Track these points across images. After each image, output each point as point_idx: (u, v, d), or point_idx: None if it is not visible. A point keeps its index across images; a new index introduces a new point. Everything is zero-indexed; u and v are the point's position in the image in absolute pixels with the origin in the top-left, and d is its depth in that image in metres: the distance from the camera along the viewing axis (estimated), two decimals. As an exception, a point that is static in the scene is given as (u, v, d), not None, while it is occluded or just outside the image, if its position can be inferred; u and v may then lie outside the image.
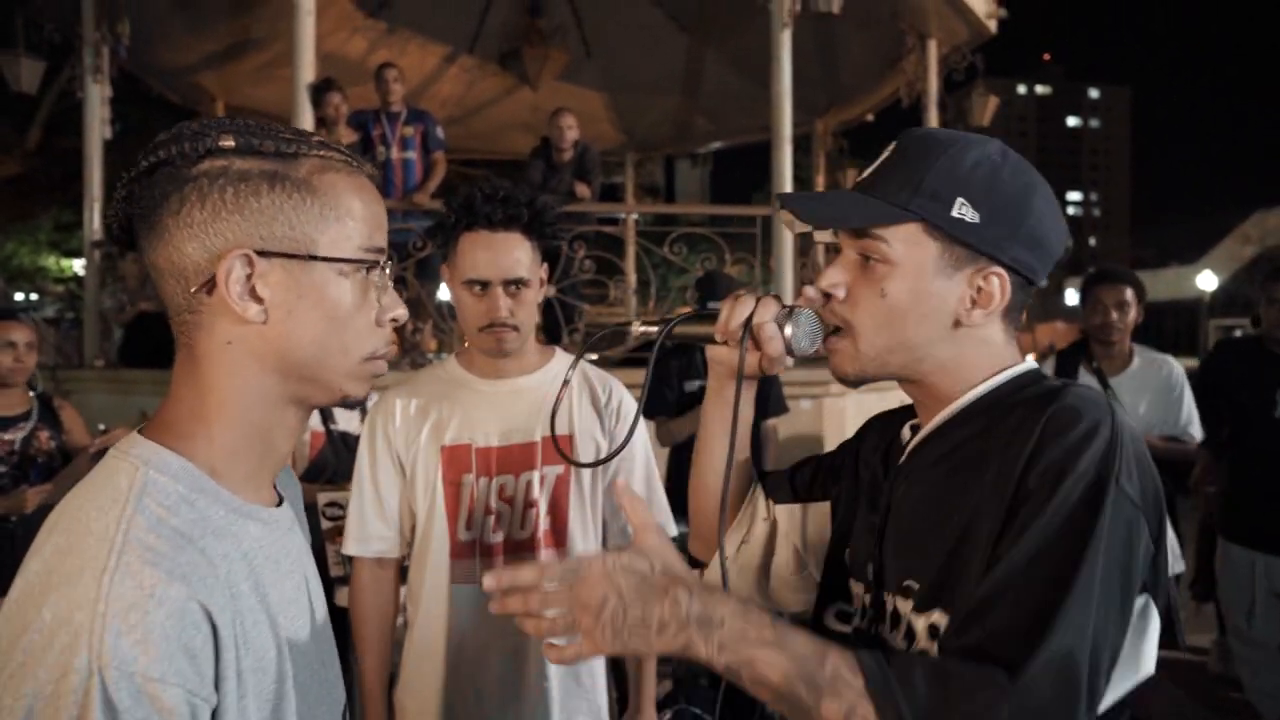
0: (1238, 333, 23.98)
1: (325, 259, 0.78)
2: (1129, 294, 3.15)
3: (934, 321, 0.95)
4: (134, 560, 0.68)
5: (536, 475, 1.72)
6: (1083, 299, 3.28)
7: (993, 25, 6.72)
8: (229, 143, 0.76)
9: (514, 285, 1.64)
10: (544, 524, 1.73)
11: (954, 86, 7.21)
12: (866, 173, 0.99)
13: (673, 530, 1.88)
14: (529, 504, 1.72)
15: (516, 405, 1.72)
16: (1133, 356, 3.24)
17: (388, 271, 0.84)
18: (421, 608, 1.71)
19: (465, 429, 1.70)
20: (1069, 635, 0.79)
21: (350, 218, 0.80)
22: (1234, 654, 3.24)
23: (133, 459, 0.76)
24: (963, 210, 0.92)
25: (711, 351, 1.10)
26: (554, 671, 1.71)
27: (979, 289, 0.94)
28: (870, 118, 8.59)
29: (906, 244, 0.93)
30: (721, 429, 1.13)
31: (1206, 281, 32.39)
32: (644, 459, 1.85)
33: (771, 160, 5.64)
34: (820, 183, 9.06)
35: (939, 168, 0.93)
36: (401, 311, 0.85)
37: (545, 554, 1.72)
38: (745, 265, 6.17)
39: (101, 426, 3.16)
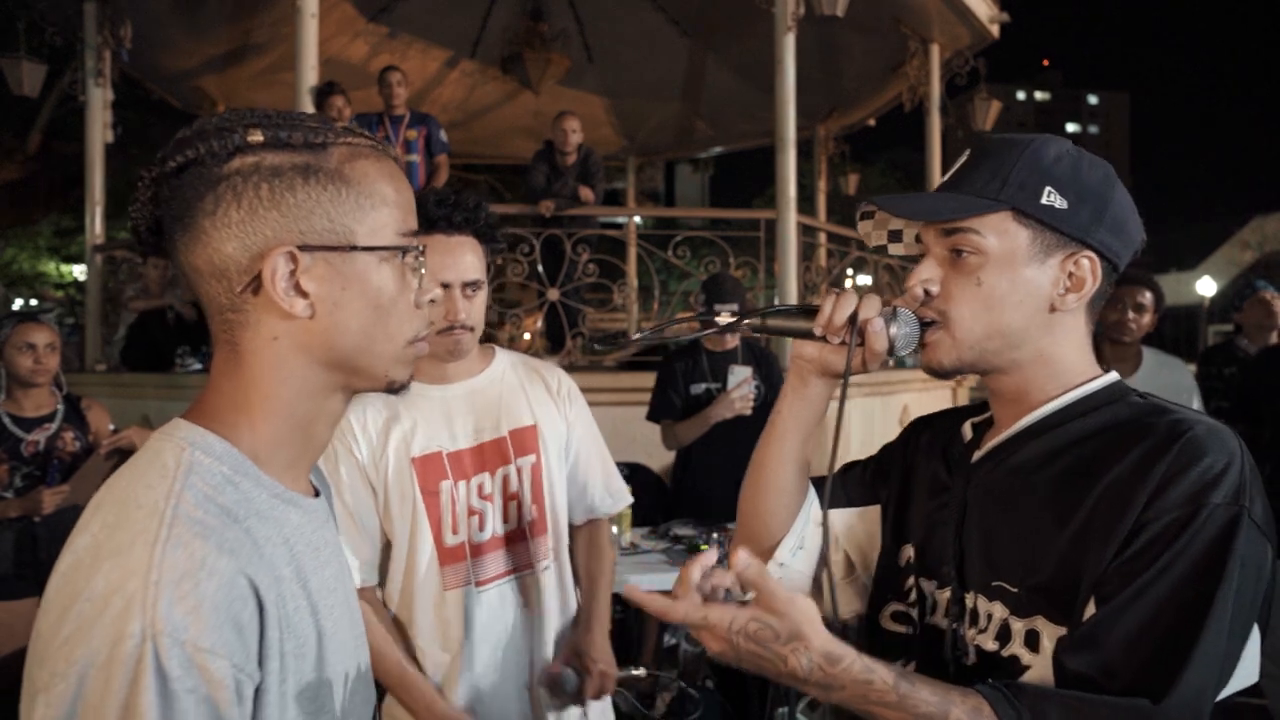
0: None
1: (366, 248, 0.78)
2: (1148, 297, 3.17)
3: (1029, 307, 0.96)
4: (184, 532, 0.68)
5: (513, 469, 1.74)
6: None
7: (995, 30, 6.73)
8: (257, 137, 0.75)
9: (470, 287, 1.67)
10: (529, 514, 1.75)
11: (956, 91, 7.22)
12: (947, 176, 1.02)
13: (627, 500, 1.95)
14: (509, 497, 1.74)
15: (476, 405, 1.74)
16: (1143, 359, 3.25)
17: (422, 254, 0.84)
18: (417, 623, 1.68)
19: (432, 437, 1.70)
20: (1204, 670, 0.82)
21: (385, 204, 0.80)
22: (1266, 673, 3.19)
23: (178, 440, 0.76)
24: (1051, 198, 0.95)
25: (801, 348, 1.09)
26: (561, 661, 1.72)
27: (1070, 273, 0.96)
28: (872, 122, 8.61)
29: (998, 233, 0.96)
30: (798, 426, 1.14)
31: (1205, 287, 32.39)
32: (593, 437, 1.91)
33: (775, 164, 5.63)
34: (822, 187, 9.07)
35: (1024, 161, 0.96)
36: (437, 292, 0.86)
37: (536, 541, 1.74)
38: (749, 269, 6.16)
39: (111, 427, 3.15)
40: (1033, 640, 0.92)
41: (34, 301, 17.92)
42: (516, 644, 1.70)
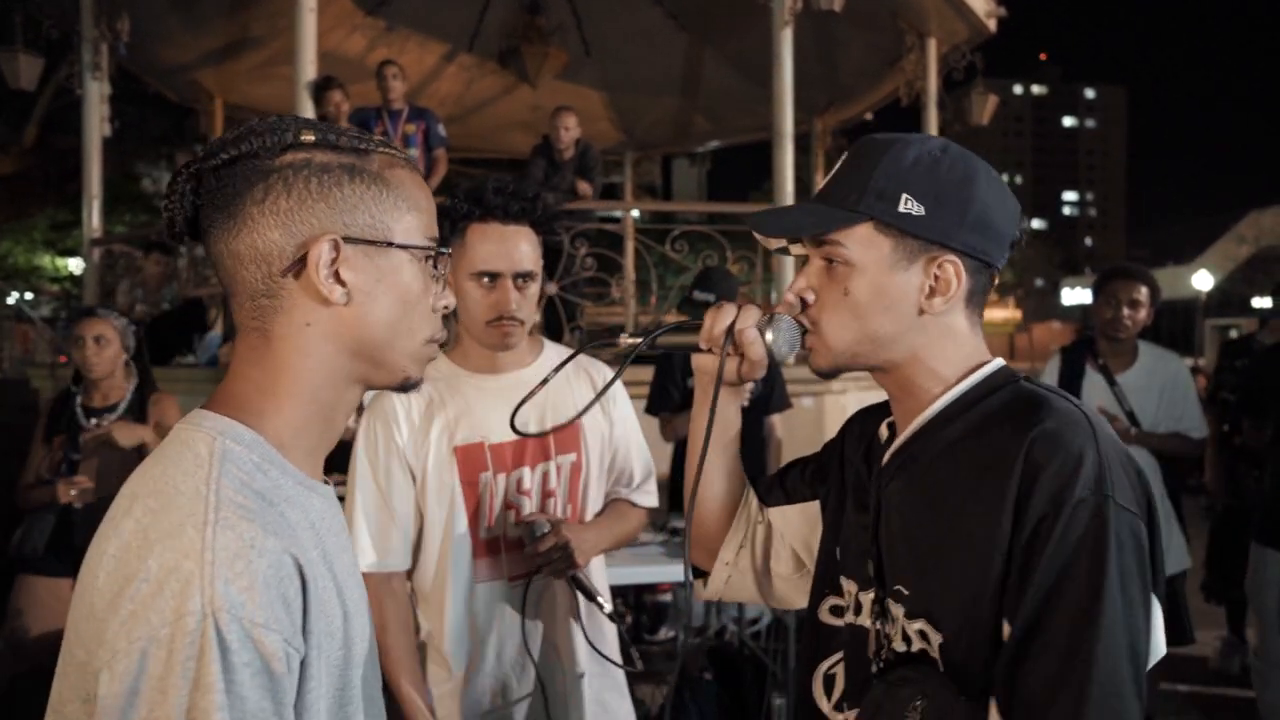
0: (1233, 333, 24.01)
1: (402, 246, 0.84)
2: (1144, 292, 3.17)
3: (898, 313, 0.99)
4: (230, 515, 0.72)
5: (553, 465, 1.73)
6: (1096, 292, 3.29)
7: (992, 24, 6.72)
8: (309, 137, 0.81)
9: (522, 278, 1.65)
10: (563, 512, 1.74)
11: (953, 85, 7.21)
12: (824, 182, 1.05)
13: (651, 503, 1.90)
14: (546, 494, 1.73)
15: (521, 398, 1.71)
16: (1138, 354, 3.25)
17: (444, 262, 0.89)
18: (446, 613, 1.67)
19: (476, 427, 1.68)
20: (1109, 674, 0.83)
21: (417, 209, 0.86)
22: (1252, 666, 3.21)
23: (207, 430, 0.80)
24: (908, 205, 0.96)
25: (696, 360, 1.13)
26: (583, 657, 1.72)
27: (935, 277, 0.98)
28: (870, 117, 8.60)
29: (861, 244, 0.98)
30: (712, 437, 1.16)
31: (1202, 281, 32.43)
32: (635, 437, 1.88)
33: (773, 159, 5.64)
34: (819, 182, 9.07)
35: (882, 168, 0.98)
36: (451, 299, 0.91)
37: None
38: (746, 263, 6.17)
39: (92, 421, 3.11)
40: (925, 638, 0.95)
41: (29, 295, 17.88)
42: (540, 643, 1.70)
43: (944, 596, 0.93)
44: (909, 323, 0.99)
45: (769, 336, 1.05)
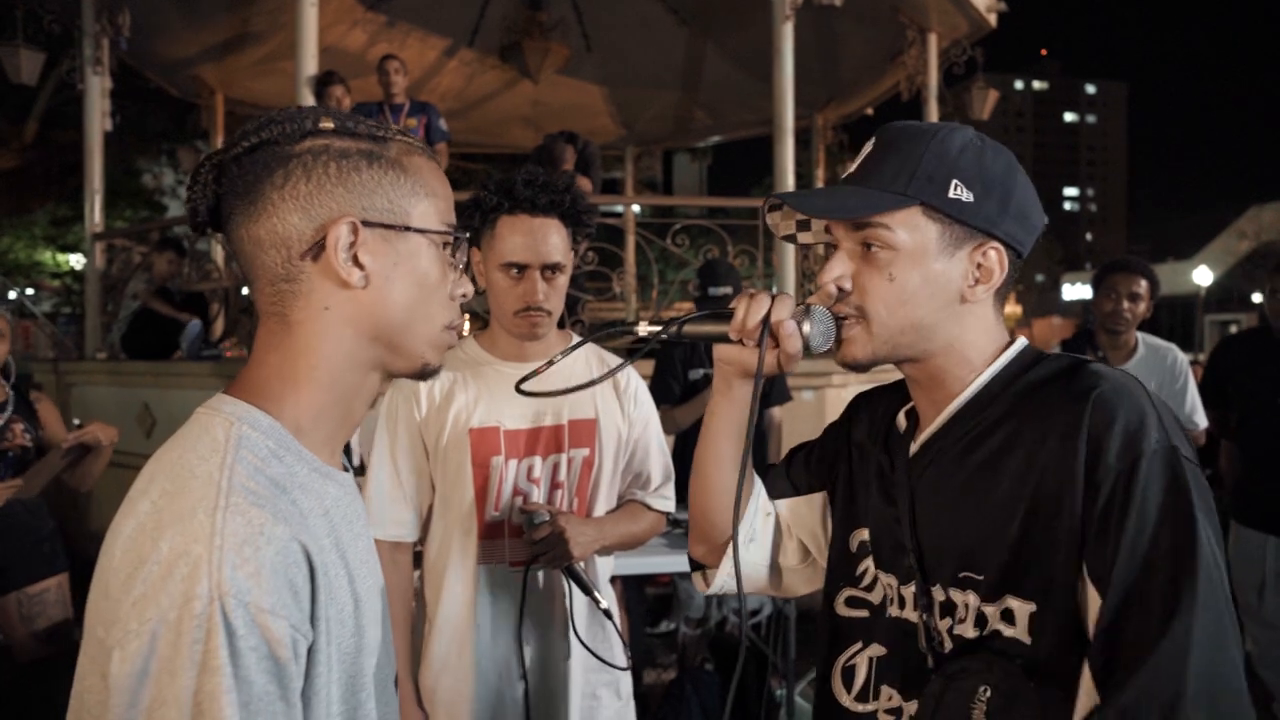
0: (1233, 328, 24.01)
1: (419, 230, 0.85)
2: (1143, 285, 3.21)
3: (940, 301, 0.98)
4: (241, 501, 0.73)
5: (564, 458, 1.74)
6: (1096, 285, 3.32)
7: (993, 19, 6.73)
8: (328, 124, 0.83)
9: (550, 270, 1.67)
10: (570, 506, 1.75)
11: (953, 80, 7.22)
12: (853, 167, 1.02)
13: (668, 508, 1.89)
14: (555, 485, 1.74)
15: (543, 387, 1.73)
16: (1138, 346, 3.29)
17: (461, 249, 0.90)
18: (446, 590, 1.71)
19: (493, 411, 1.70)
20: (1215, 620, 0.82)
21: (434, 196, 0.87)
22: (1245, 631, 3.28)
23: (225, 414, 0.81)
24: (958, 191, 0.96)
25: (721, 351, 1.09)
26: (575, 649, 1.74)
27: (979, 265, 0.98)
28: (870, 111, 8.61)
29: (908, 228, 0.96)
30: (729, 429, 1.15)
31: (1202, 276, 32.43)
32: (656, 438, 1.88)
33: (773, 153, 5.65)
34: (820, 176, 9.09)
35: (930, 153, 0.97)
36: (469, 288, 0.91)
37: None
38: (747, 257, 6.19)
39: (76, 421, 3.03)
40: (1008, 616, 0.93)
41: (30, 291, 17.89)
42: (537, 631, 1.71)
43: (1027, 569, 0.92)
44: (950, 311, 0.98)
45: (806, 328, 1.00)
